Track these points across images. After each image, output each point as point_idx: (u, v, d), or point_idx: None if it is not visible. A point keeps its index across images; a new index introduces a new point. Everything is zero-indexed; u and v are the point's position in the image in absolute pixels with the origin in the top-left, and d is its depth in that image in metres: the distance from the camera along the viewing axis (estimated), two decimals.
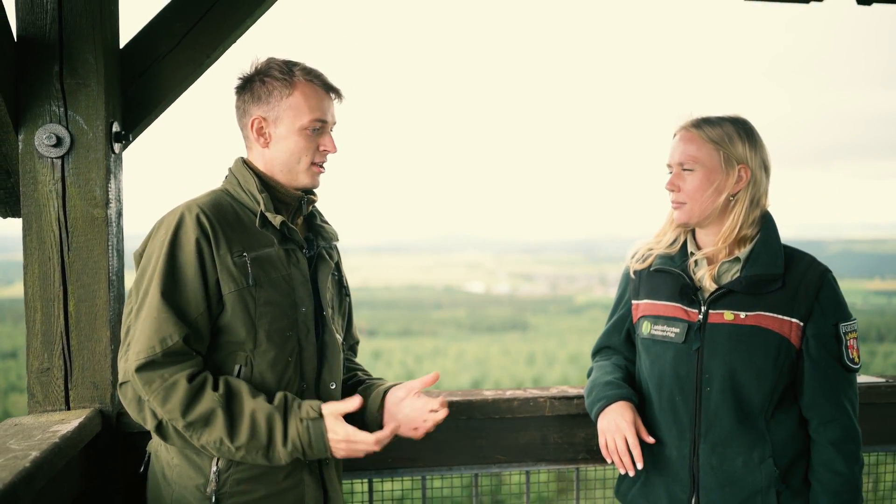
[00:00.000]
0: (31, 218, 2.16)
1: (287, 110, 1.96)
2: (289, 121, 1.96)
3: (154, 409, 1.83)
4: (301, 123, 1.96)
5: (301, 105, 1.96)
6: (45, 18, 2.11)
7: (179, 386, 1.80)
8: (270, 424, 1.83)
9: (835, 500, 2.05)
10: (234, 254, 1.89)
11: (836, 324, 2.09)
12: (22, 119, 2.13)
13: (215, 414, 1.81)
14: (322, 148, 2.00)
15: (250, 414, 1.83)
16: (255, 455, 1.85)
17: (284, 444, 1.84)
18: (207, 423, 1.82)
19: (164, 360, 1.82)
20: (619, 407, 2.16)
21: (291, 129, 1.96)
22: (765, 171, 2.17)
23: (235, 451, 1.84)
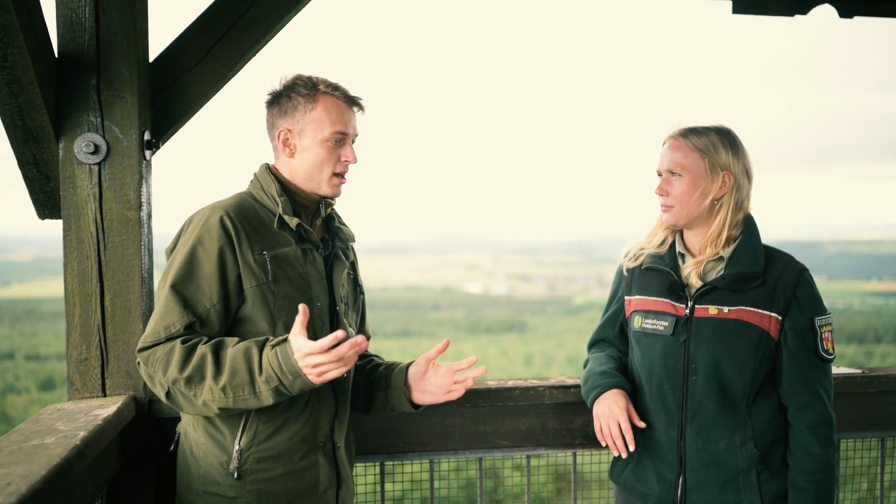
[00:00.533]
0: (71, 220, 2.34)
1: (310, 123, 2.11)
2: (312, 133, 2.12)
3: (160, 380, 1.98)
4: (323, 136, 2.11)
5: (323, 118, 2.11)
6: (83, 36, 2.29)
7: (175, 349, 1.96)
8: (248, 357, 1.93)
9: (810, 478, 2.22)
10: (255, 252, 2.06)
11: (812, 318, 2.27)
12: (62, 128, 2.31)
13: (205, 361, 1.94)
14: (343, 159, 2.15)
15: (232, 352, 1.95)
16: (242, 393, 1.94)
17: (261, 374, 1.92)
18: (202, 373, 1.94)
19: (166, 341, 1.99)
20: (613, 394, 2.34)
21: (314, 141, 2.12)
22: (747, 177, 2.35)
23: (223, 395, 1.93)
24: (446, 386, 2.21)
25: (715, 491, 2.27)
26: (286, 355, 1.91)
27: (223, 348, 1.97)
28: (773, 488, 2.26)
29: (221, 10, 2.52)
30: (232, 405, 1.97)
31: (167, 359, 1.97)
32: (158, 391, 2.02)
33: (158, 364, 1.98)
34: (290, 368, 1.91)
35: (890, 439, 2.90)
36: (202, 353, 1.95)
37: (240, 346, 1.96)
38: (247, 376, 1.93)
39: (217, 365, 1.94)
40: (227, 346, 1.98)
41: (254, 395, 1.95)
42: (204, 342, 1.98)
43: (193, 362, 1.95)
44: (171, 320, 1.99)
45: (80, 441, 1.86)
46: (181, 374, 1.95)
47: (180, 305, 2.00)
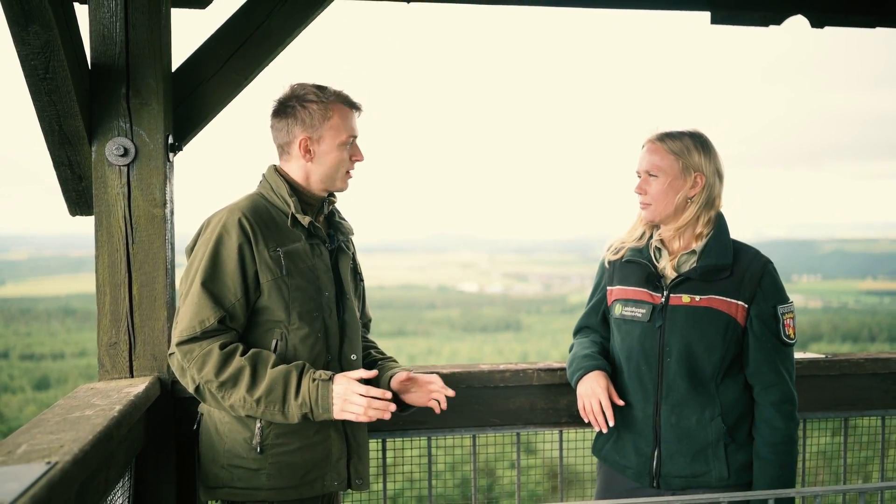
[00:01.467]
0: (102, 216, 2.57)
1: (328, 130, 2.35)
2: (330, 139, 2.36)
3: (192, 375, 2.23)
4: (340, 140, 2.36)
5: (339, 126, 2.36)
6: (114, 49, 2.52)
7: (213, 353, 2.21)
8: (287, 380, 2.20)
9: (773, 450, 2.45)
10: (270, 249, 2.30)
11: (775, 306, 2.50)
12: (95, 133, 2.54)
13: (243, 372, 2.19)
14: (354, 158, 2.42)
15: (270, 373, 2.21)
16: (273, 409, 2.21)
17: (296, 398, 2.19)
18: (236, 382, 2.19)
19: (202, 336, 2.23)
20: (595, 375, 2.57)
21: (332, 146, 2.36)
22: (718, 178, 2.58)
23: (255, 405, 2.20)
24: (424, 398, 2.48)
25: (686, 462, 2.49)
26: (326, 393, 2.21)
27: (260, 364, 2.22)
28: (739, 459, 2.49)
29: (238, 23, 2.75)
30: (259, 415, 2.24)
31: (204, 360, 2.21)
32: (188, 383, 2.26)
33: (195, 361, 2.22)
34: (324, 404, 2.21)
35: (852, 419, 3.13)
36: (241, 365, 2.20)
37: (280, 369, 2.22)
38: (281, 395, 2.20)
39: (254, 379, 2.20)
40: (265, 362, 2.23)
41: (282, 414, 2.23)
42: (241, 353, 2.23)
43: (230, 370, 2.20)
44: (205, 315, 2.23)
45: (118, 413, 2.10)
46: (216, 377, 2.20)
47: (211, 301, 2.23)
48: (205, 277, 2.24)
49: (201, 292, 2.23)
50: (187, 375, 2.25)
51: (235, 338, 2.28)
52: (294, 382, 2.21)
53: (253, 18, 2.74)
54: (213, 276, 2.25)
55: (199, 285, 2.24)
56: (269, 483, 2.29)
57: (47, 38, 2.19)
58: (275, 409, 2.22)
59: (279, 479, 2.30)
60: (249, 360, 2.22)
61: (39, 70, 2.26)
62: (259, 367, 2.22)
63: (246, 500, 2.31)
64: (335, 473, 2.38)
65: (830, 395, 3.05)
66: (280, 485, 2.30)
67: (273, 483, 2.30)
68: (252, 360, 2.22)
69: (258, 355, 2.25)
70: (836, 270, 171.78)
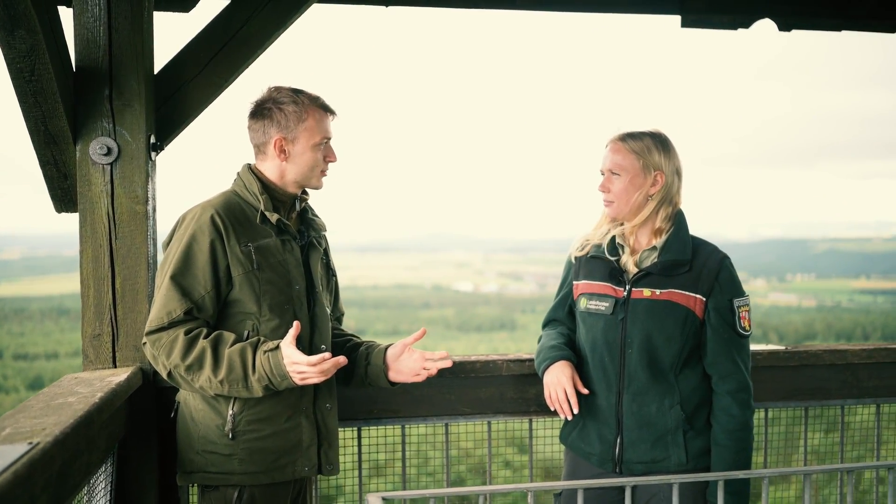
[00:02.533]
0: (86, 213, 2.68)
1: (303, 132, 2.47)
2: (304, 140, 2.47)
3: (163, 362, 2.35)
4: (314, 141, 2.48)
5: (313, 128, 2.47)
6: (98, 53, 2.62)
7: (179, 339, 2.33)
8: (244, 357, 2.32)
9: (730, 436, 2.57)
10: (242, 244, 2.41)
11: (731, 299, 2.61)
12: (79, 133, 2.64)
13: (205, 354, 2.31)
14: (328, 159, 2.53)
15: (229, 352, 2.32)
16: (237, 386, 2.32)
17: (254, 373, 2.31)
18: (201, 364, 2.31)
19: (169, 325, 2.35)
20: (561, 365, 2.68)
21: (306, 147, 2.48)
22: (677, 176, 2.69)
23: (220, 385, 2.32)
24: (416, 369, 2.59)
25: (647, 448, 2.60)
26: (277, 362, 2.30)
27: (221, 344, 2.34)
28: (697, 445, 2.60)
29: (218, 27, 2.86)
30: (226, 393, 2.36)
31: (171, 346, 2.33)
32: (160, 370, 2.39)
33: (163, 349, 2.34)
34: (279, 372, 2.30)
35: (811, 408, 3.26)
36: (202, 347, 2.32)
37: (236, 347, 2.33)
38: (241, 373, 2.32)
39: (216, 360, 2.32)
40: (224, 343, 2.34)
41: (246, 389, 2.34)
42: (204, 336, 2.35)
43: (195, 353, 2.32)
44: (172, 307, 2.35)
45: (98, 399, 2.20)
46: (183, 361, 2.32)
47: (179, 294, 2.35)
48: (175, 271, 2.36)
49: (170, 285, 2.35)
50: (159, 362, 2.37)
51: (202, 325, 2.39)
52: (250, 358, 2.32)
53: (232, 23, 2.84)
54: (183, 269, 2.36)
55: (170, 278, 2.36)
56: (241, 468, 2.41)
57: (32, 42, 2.29)
58: (239, 387, 2.33)
59: (251, 464, 2.41)
60: (210, 343, 2.33)
61: (25, 73, 2.36)
62: (219, 347, 2.33)
63: (219, 484, 2.42)
64: (306, 459, 2.49)
65: (790, 385, 3.17)
66: (251, 469, 2.41)
67: (245, 468, 2.41)
68: (213, 343, 2.33)
69: (219, 337, 2.36)
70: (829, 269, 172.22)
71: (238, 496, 2.41)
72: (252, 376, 2.31)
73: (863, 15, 3.82)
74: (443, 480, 3.04)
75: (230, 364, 2.31)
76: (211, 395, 2.38)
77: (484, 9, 3.79)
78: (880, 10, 3.78)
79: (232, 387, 2.33)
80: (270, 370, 2.31)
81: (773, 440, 3.29)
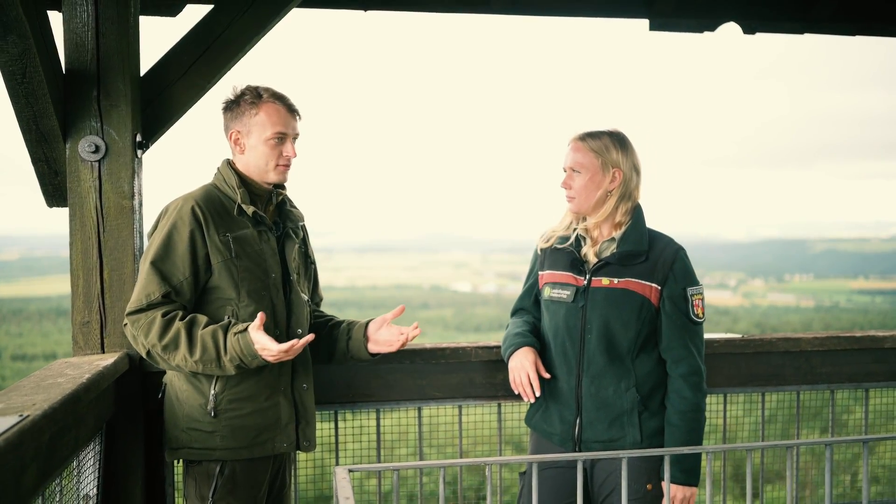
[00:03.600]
0: (76, 207, 2.84)
1: (255, 126, 2.61)
2: (256, 134, 2.61)
3: (142, 341, 2.50)
4: (265, 136, 2.61)
5: (265, 122, 2.61)
6: (86, 56, 2.79)
7: (156, 320, 2.48)
8: (216, 339, 2.47)
9: (682, 417, 2.72)
10: (220, 234, 2.57)
11: (685, 288, 2.76)
12: (69, 132, 2.81)
13: (180, 335, 2.47)
14: (284, 154, 2.65)
15: (202, 334, 2.47)
16: (210, 366, 2.46)
17: (226, 353, 2.46)
18: (177, 345, 2.46)
19: (147, 307, 2.50)
20: (525, 351, 2.83)
21: (259, 141, 2.62)
22: (635, 173, 2.84)
23: (195, 365, 2.47)
24: (391, 340, 2.74)
25: (604, 428, 2.75)
26: (247, 343, 2.43)
27: (195, 327, 2.49)
28: (651, 426, 2.76)
29: (201, 32, 3.02)
30: (202, 371, 2.52)
31: (149, 327, 2.49)
32: (140, 349, 2.54)
33: (141, 329, 2.49)
34: (249, 352, 2.44)
35: (768, 393, 3.42)
36: (177, 329, 2.47)
37: (208, 329, 2.48)
38: (214, 354, 2.46)
39: (190, 341, 2.47)
40: (198, 325, 2.49)
41: (219, 368, 2.49)
42: (179, 318, 2.50)
43: (170, 334, 2.47)
44: (151, 290, 2.50)
45: (86, 380, 2.37)
46: (160, 341, 2.47)
47: (158, 278, 2.51)
48: (155, 257, 2.52)
49: (151, 270, 2.51)
50: (138, 342, 2.52)
51: (178, 308, 2.54)
52: (221, 341, 2.47)
53: (214, 27, 3.00)
54: (163, 256, 2.52)
55: (150, 264, 2.52)
56: (223, 444, 2.57)
57: (24, 46, 2.45)
58: (213, 367, 2.49)
59: (232, 440, 2.57)
60: (185, 325, 2.48)
61: (17, 75, 2.52)
62: (193, 329, 2.48)
63: (202, 459, 2.58)
64: (284, 436, 2.66)
65: (747, 371, 3.33)
66: (233, 445, 2.57)
67: (226, 444, 2.57)
68: (188, 325, 2.48)
69: (193, 319, 2.51)
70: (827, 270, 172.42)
71: (220, 470, 2.58)
72: (224, 357, 2.46)
73: (825, 18, 3.98)
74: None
75: (203, 345, 2.46)
76: (187, 372, 2.54)
77: (462, 13, 3.96)
78: (841, 14, 3.94)
79: (206, 366, 2.48)
80: (241, 351, 2.45)
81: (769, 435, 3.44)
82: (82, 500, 2.65)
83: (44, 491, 2.14)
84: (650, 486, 2.72)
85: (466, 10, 3.94)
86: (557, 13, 3.96)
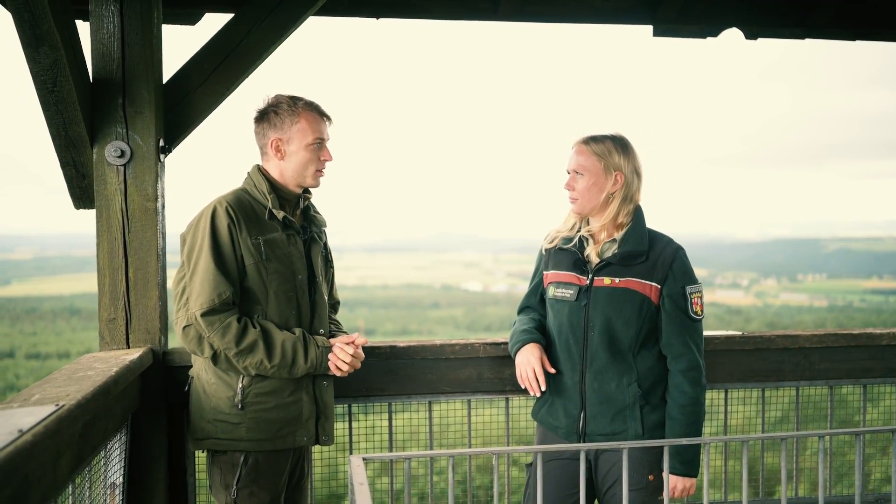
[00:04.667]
0: (102, 209, 2.98)
1: (296, 133, 2.76)
2: (297, 140, 2.76)
3: (212, 343, 2.64)
4: (307, 142, 2.76)
5: (306, 129, 2.76)
6: (112, 65, 2.93)
7: (232, 325, 2.63)
8: (295, 350, 2.68)
9: (682, 411, 2.83)
10: (252, 237, 2.70)
11: (684, 286, 2.86)
12: (95, 137, 2.95)
13: (257, 344, 2.64)
14: (322, 158, 2.81)
15: (281, 343, 2.66)
16: (282, 370, 2.68)
17: (306, 362, 2.69)
18: (252, 350, 2.64)
19: (220, 308, 2.64)
20: (531, 347, 2.95)
21: (300, 147, 2.76)
22: (637, 176, 2.94)
23: (270, 368, 2.67)
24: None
25: (607, 422, 2.87)
26: (325, 358, 2.74)
27: (269, 335, 2.68)
28: (652, 419, 2.87)
29: (221, 40, 3.15)
30: (270, 375, 2.71)
31: (224, 330, 2.63)
32: (205, 349, 2.67)
33: (216, 332, 2.63)
34: (324, 365, 2.75)
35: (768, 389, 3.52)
36: (255, 338, 2.65)
37: (288, 341, 2.68)
38: (290, 361, 2.69)
39: (269, 348, 2.66)
40: (271, 333, 2.68)
41: (289, 373, 2.71)
42: (251, 325, 2.67)
43: (247, 341, 2.64)
44: (222, 289, 2.64)
45: (115, 373, 2.51)
46: (237, 346, 2.64)
47: (223, 277, 2.65)
48: (215, 258, 2.65)
49: (216, 269, 2.64)
50: (205, 343, 2.65)
51: (238, 311, 2.69)
52: (302, 351, 2.69)
53: (234, 36, 3.13)
54: (220, 256, 2.66)
55: (213, 264, 2.64)
56: (248, 435, 2.70)
57: (55, 57, 2.59)
58: (284, 371, 2.70)
59: (256, 431, 2.71)
60: (261, 335, 2.66)
61: (48, 84, 2.66)
62: (269, 339, 2.67)
63: (227, 450, 2.72)
64: (304, 430, 2.79)
65: (747, 367, 3.44)
66: (257, 437, 2.71)
67: (251, 435, 2.70)
68: (263, 334, 2.67)
69: (265, 328, 2.69)
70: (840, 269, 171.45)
71: (244, 460, 2.71)
72: (303, 364, 2.70)
73: (823, 24, 4.07)
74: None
75: (283, 354, 2.67)
76: (251, 374, 2.71)
77: (470, 20, 4.08)
78: (838, 20, 4.04)
79: (280, 370, 2.69)
80: (320, 364, 2.73)
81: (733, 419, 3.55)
82: (109, 488, 2.78)
83: (75, 478, 2.28)
84: (651, 477, 2.83)
85: (475, 18, 4.06)
86: (564, 20, 4.07)
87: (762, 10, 4.08)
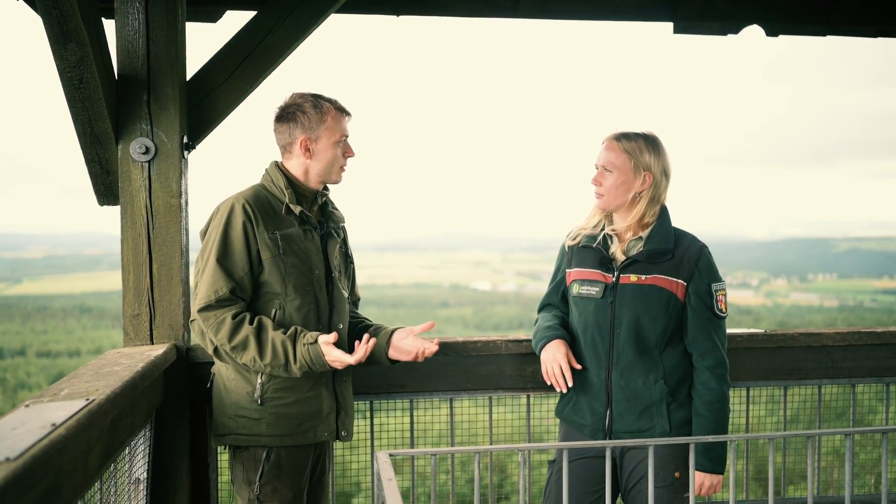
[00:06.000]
0: (127, 205, 2.99)
1: (324, 131, 2.75)
2: (325, 138, 2.76)
3: (210, 338, 2.65)
4: (334, 139, 2.77)
5: (333, 127, 2.76)
6: (137, 62, 2.94)
7: (226, 321, 2.63)
8: (285, 348, 2.64)
9: (709, 408, 2.82)
10: (269, 231, 2.71)
11: (710, 284, 2.86)
12: (120, 134, 2.96)
13: (249, 340, 2.63)
14: (347, 155, 2.82)
15: (272, 341, 2.63)
16: (278, 369, 2.65)
17: (295, 362, 2.64)
18: (245, 346, 2.63)
19: (217, 304, 2.64)
20: (556, 343, 2.94)
21: (328, 144, 2.76)
22: (665, 176, 2.92)
23: (264, 367, 2.65)
24: (413, 350, 2.87)
25: (634, 419, 2.86)
26: (317, 354, 2.62)
27: (263, 332, 2.65)
28: (679, 416, 2.86)
29: (243, 39, 3.15)
30: (268, 373, 2.69)
31: (218, 326, 2.64)
32: (207, 345, 2.69)
33: (211, 328, 2.64)
34: (319, 362, 2.64)
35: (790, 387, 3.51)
36: (246, 333, 2.63)
37: (278, 338, 2.64)
38: (283, 361, 2.64)
39: (260, 346, 2.64)
40: (266, 330, 2.65)
41: (286, 372, 2.67)
42: (248, 321, 2.65)
43: (240, 337, 2.63)
44: (219, 286, 2.65)
45: (141, 368, 2.51)
46: (229, 342, 2.63)
47: (224, 275, 2.65)
48: (218, 254, 2.66)
49: (216, 266, 2.65)
50: (206, 338, 2.67)
51: (244, 307, 2.69)
52: (291, 350, 2.63)
53: (257, 34, 3.14)
54: (224, 253, 2.67)
55: (215, 261, 2.66)
56: (269, 430, 2.71)
57: (82, 54, 2.60)
58: (280, 370, 2.67)
59: (277, 427, 2.71)
60: (254, 331, 2.63)
61: (75, 81, 2.67)
62: (262, 335, 2.64)
63: (249, 445, 2.72)
64: (325, 426, 2.79)
65: (769, 365, 3.43)
66: (277, 432, 2.71)
67: (272, 430, 2.71)
68: (256, 330, 2.64)
69: (261, 324, 2.66)
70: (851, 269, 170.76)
71: (266, 456, 2.72)
72: (294, 365, 2.64)
73: (845, 21, 4.05)
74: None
75: (274, 352, 2.63)
76: (253, 369, 2.69)
77: (489, 17, 4.07)
78: (860, 17, 4.02)
79: (274, 369, 2.66)
80: (311, 360, 2.64)
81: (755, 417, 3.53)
82: (133, 483, 2.79)
83: (103, 473, 2.28)
84: (678, 474, 2.82)
85: (494, 15, 4.05)
86: (584, 17, 4.06)
87: (784, 6, 4.06)
